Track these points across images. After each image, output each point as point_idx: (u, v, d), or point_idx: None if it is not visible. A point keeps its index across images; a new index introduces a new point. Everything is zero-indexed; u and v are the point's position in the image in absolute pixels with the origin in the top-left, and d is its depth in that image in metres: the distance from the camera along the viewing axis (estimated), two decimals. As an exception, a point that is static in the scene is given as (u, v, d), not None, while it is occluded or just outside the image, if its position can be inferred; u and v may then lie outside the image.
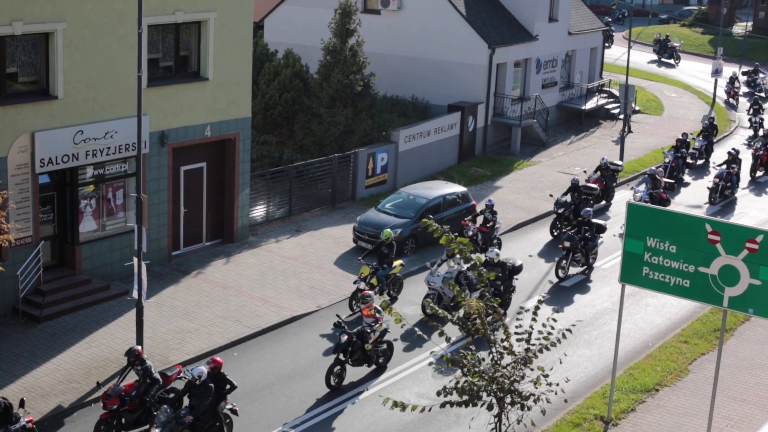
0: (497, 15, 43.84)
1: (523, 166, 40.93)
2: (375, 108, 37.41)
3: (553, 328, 16.31)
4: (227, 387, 19.17)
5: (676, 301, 25.94)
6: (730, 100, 56.15)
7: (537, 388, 16.12)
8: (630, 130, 46.36)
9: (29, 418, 17.88)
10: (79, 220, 25.59)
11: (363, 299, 22.73)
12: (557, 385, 16.86)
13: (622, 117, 45.86)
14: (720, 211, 36.00)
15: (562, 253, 29.00)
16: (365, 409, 21.02)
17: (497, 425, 16.29)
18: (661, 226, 18.96)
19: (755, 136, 45.99)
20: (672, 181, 37.33)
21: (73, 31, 24.23)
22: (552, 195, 34.52)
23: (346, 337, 21.55)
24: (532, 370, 16.21)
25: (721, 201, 37.01)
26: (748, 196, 38.53)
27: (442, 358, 15.99)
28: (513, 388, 15.84)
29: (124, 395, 19.26)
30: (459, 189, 32.75)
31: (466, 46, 41.53)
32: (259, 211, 32.09)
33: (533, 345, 16.16)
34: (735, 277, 18.23)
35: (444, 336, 15.96)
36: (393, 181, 36.44)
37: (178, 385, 20.10)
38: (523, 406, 15.99)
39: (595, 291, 28.31)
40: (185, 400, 19.14)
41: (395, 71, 42.21)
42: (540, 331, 16.33)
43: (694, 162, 41.61)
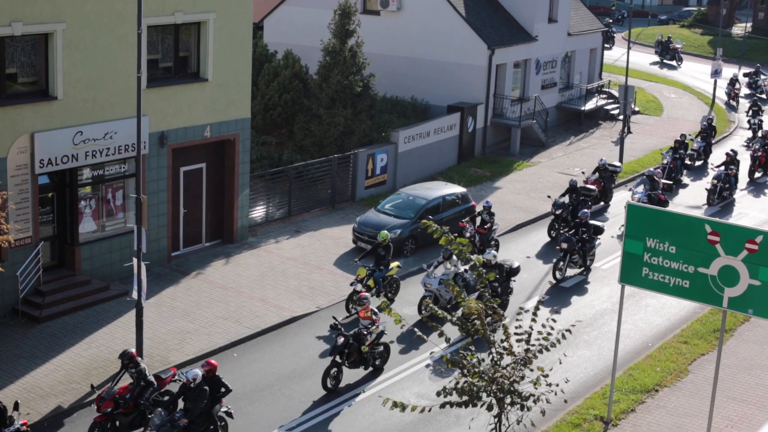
0: (497, 16, 43.84)
1: (522, 166, 40.93)
2: (374, 109, 37.41)
3: (552, 329, 16.31)
4: (222, 390, 19.08)
5: (676, 301, 25.94)
6: (731, 102, 55.93)
7: (537, 389, 16.12)
8: (629, 131, 46.35)
9: (23, 421, 17.80)
10: (78, 220, 25.58)
11: (359, 301, 22.63)
12: (557, 385, 16.86)
13: (621, 118, 45.86)
14: (718, 212, 35.95)
15: (559, 255, 28.98)
16: (365, 410, 21.02)
17: (497, 426, 16.29)
18: (661, 226, 18.96)
19: (754, 138, 45.95)
20: (670, 182, 37.27)
21: (72, 31, 24.23)
22: (550, 196, 34.41)
23: (342, 339, 21.46)
24: (531, 371, 16.20)
25: (720, 202, 36.95)
26: (747, 197, 38.50)
27: (442, 358, 15.99)
28: (513, 388, 15.84)
29: (118, 398, 19.14)
30: (458, 190, 32.74)
31: (466, 47, 41.54)
32: (258, 212, 32.08)
33: (533, 345, 16.16)
34: (734, 277, 18.23)
35: (444, 336, 15.97)
36: (392, 182, 36.44)
37: (173, 388, 20.00)
38: (522, 407, 15.99)
39: (594, 292, 28.30)
40: (180, 403, 19.05)
41: (395, 72, 42.21)
42: (540, 332, 16.33)
43: (692, 163, 41.60)
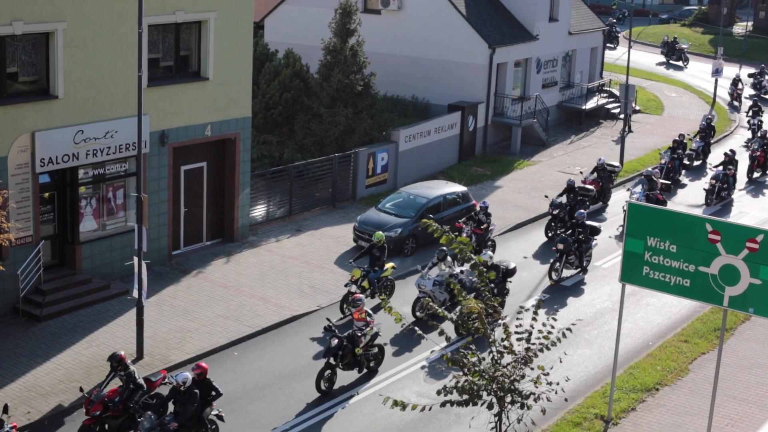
0: (497, 15, 43.84)
1: (523, 165, 40.92)
2: (375, 108, 37.41)
3: (553, 328, 16.32)
4: (213, 393, 18.94)
5: (677, 300, 25.93)
6: (734, 103, 55.62)
7: (537, 388, 16.12)
8: (630, 130, 46.32)
9: (13, 424, 17.71)
10: (79, 219, 25.59)
11: (354, 303, 22.43)
12: (557, 384, 16.86)
13: (622, 117, 45.84)
14: (717, 212, 35.79)
15: (555, 256, 28.80)
16: (365, 409, 21.02)
17: (497, 424, 16.30)
18: (662, 225, 18.95)
19: (753, 138, 45.85)
20: (668, 182, 37.07)
21: (73, 30, 24.24)
22: (547, 196, 34.20)
23: (336, 340, 21.32)
24: (532, 370, 16.21)
25: (718, 202, 36.84)
26: (746, 197, 38.41)
27: (443, 357, 16.00)
28: (513, 387, 15.84)
29: (107, 401, 19.01)
30: (459, 189, 32.74)
31: (467, 46, 41.53)
32: (259, 211, 32.10)
33: (533, 344, 16.16)
34: (735, 276, 18.23)
35: (444, 335, 15.97)
36: (393, 181, 36.44)
37: (163, 391, 19.89)
38: (523, 405, 15.99)
39: (595, 290, 28.29)
40: (170, 407, 18.90)
41: (395, 71, 42.21)
42: (540, 331, 16.34)
43: (690, 163, 41.46)
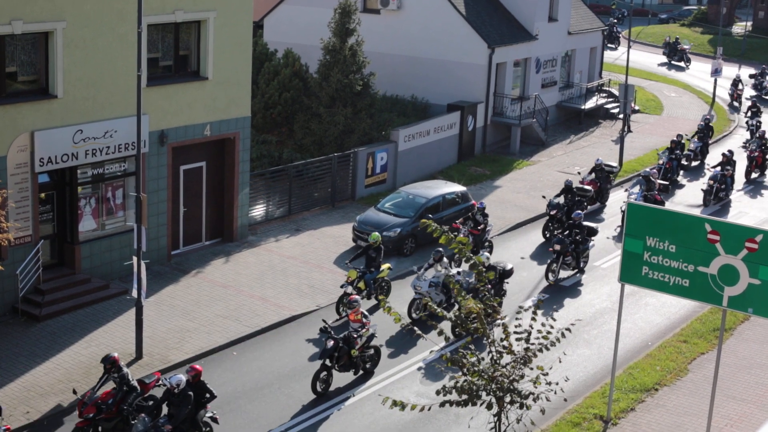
0: (497, 14, 43.83)
1: (522, 165, 40.92)
2: (374, 107, 37.40)
3: (552, 328, 16.32)
4: (207, 396, 18.82)
5: (676, 300, 25.93)
6: (734, 103, 55.43)
7: (536, 388, 16.13)
8: (630, 130, 46.33)
9: (7, 426, 17.70)
10: (78, 219, 25.58)
11: (350, 304, 22.27)
12: (557, 384, 16.87)
13: (621, 116, 45.84)
14: (715, 213, 35.74)
15: (552, 257, 28.68)
16: (365, 409, 21.01)
17: (497, 424, 16.30)
18: (661, 225, 18.95)
19: (752, 138, 45.76)
20: (666, 183, 36.92)
21: (72, 30, 24.23)
22: (545, 196, 34.09)
23: (332, 342, 21.21)
24: (531, 370, 16.21)
25: (716, 203, 36.77)
26: (744, 198, 38.35)
27: (442, 357, 16.00)
28: (512, 387, 15.85)
29: (100, 403, 18.91)
30: (458, 188, 32.74)
31: (466, 46, 41.53)
32: (258, 211, 32.09)
33: (532, 344, 16.17)
34: (734, 276, 18.23)
35: (443, 335, 15.98)
36: (392, 181, 36.44)
37: (157, 393, 19.79)
38: (522, 405, 16.00)
39: (594, 290, 28.29)
40: (164, 409, 18.78)
41: (395, 71, 42.21)
42: (539, 331, 16.34)
43: (688, 163, 41.36)
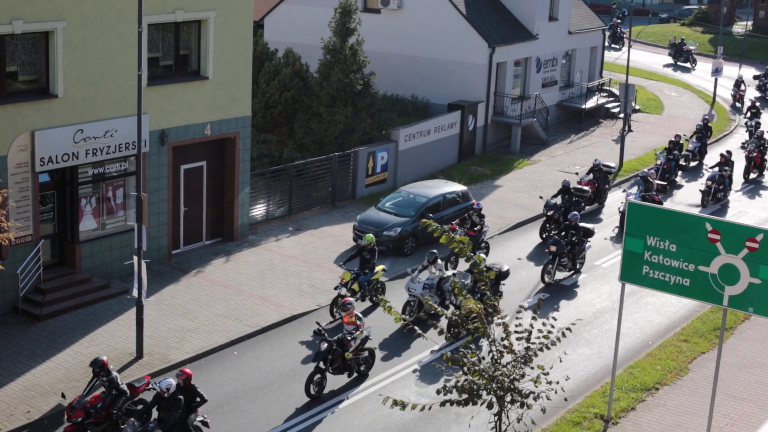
0: (497, 14, 43.83)
1: (523, 165, 40.92)
2: (375, 107, 37.41)
3: (553, 327, 16.32)
4: (197, 400, 18.68)
5: (676, 299, 25.93)
6: (736, 104, 55.12)
7: (537, 387, 16.13)
8: (630, 129, 46.31)
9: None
10: (79, 218, 25.59)
11: (344, 306, 22.15)
12: (557, 383, 16.88)
13: (622, 116, 45.83)
14: (713, 213, 35.68)
15: (548, 258, 28.54)
16: (365, 408, 21.00)
17: (497, 424, 16.30)
18: (662, 224, 18.95)
19: (750, 139, 45.64)
20: (664, 183, 36.69)
21: (73, 29, 24.23)
22: (542, 197, 33.93)
23: (326, 344, 21.08)
24: (532, 369, 16.21)
25: (714, 204, 36.68)
26: (742, 198, 38.26)
27: (442, 357, 16.00)
28: (513, 386, 15.85)
29: (89, 407, 18.77)
30: (459, 188, 32.73)
31: (466, 45, 41.53)
32: (259, 210, 32.10)
33: (533, 344, 16.17)
34: (735, 275, 18.22)
35: (444, 335, 15.99)
36: (393, 180, 36.44)
37: (147, 397, 19.67)
38: (523, 405, 16.00)
39: (594, 290, 28.28)
40: (154, 413, 18.67)
41: (395, 70, 42.21)
42: (540, 330, 16.34)
43: (687, 164, 41.23)
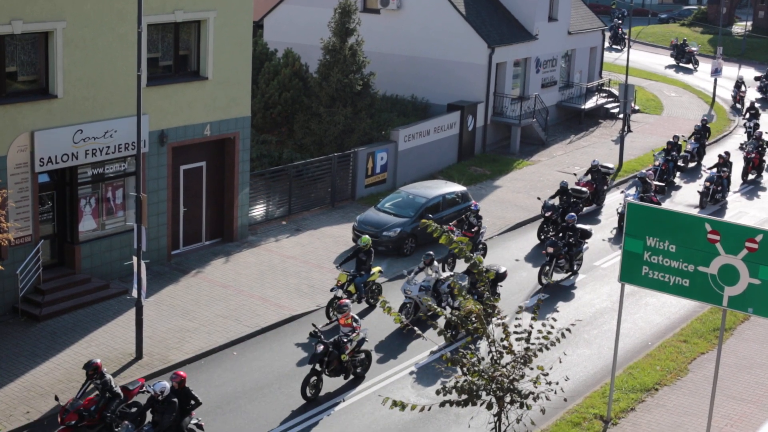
0: (497, 14, 43.83)
1: (522, 165, 40.93)
2: (374, 107, 37.40)
3: (552, 328, 16.32)
4: (192, 402, 18.63)
5: (676, 300, 25.93)
6: (737, 105, 54.97)
7: (536, 387, 16.13)
8: (630, 130, 46.31)
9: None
10: (78, 219, 25.58)
11: (340, 308, 22.06)
12: (557, 384, 16.88)
13: (621, 116, 45.83)
14: (711, 214, 35.63)
15: (545, 259, 28.45)
16: (365, 409, 21.00)
17: (497, 424, 16.30)
18: (661, 225, 18.96)
19: (749, 140, 45.57)
20: (662, 184, 36.62)
21: (72, 30, 24.22)
22: (539, 198, 33.92)
23: (322, 346, 21.02)
24: (531, 369, 16.22)
25: (712, 205, 36.65)
26: (740, 199, 38.24)
27: (442, 357, 16.00)
28: (512, 387, 15.85)
29: (82, 410, 18.71)
30: (458, 188, 32.73)
31: (466, 46, 41.53)
32: (258, 211, 32.09)
33: (533, 344, 16.17)
34: (734, 276, 18.23)
35: (444, 335, 15.99)
36: (392, 181, 36.44)
37: (141, 400, 19.63)
38: (522, 405, 16.00)
39: (594, 290, 28.28)
40: (149, 416, 18.61)
41: (395, 70, 42.21)
42: (540, 331, 16.35)
43: (685, 165, 41.15)
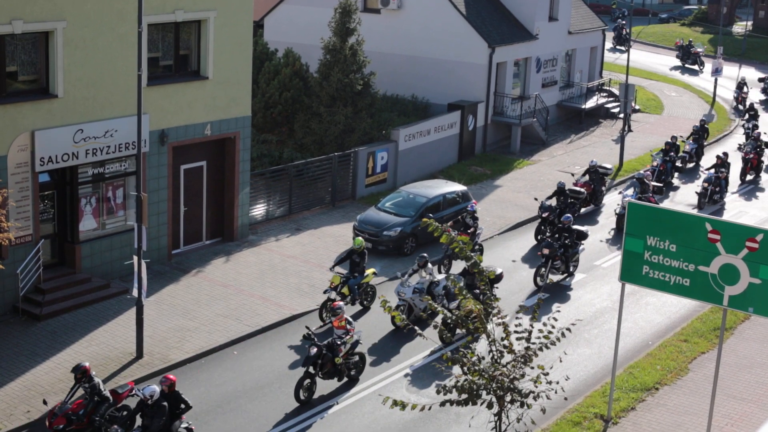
0: (497, 14, 43.83)
1: (523, 165, 40.93)
2: (375, 107, 37.41)
3: (553, 327, 16.33)
4: (182, 406, 18.52)
5: (676, 299, 25.94)
6: (739, 107, 54.74)
7: (537, 387, 16.14)
8: (630, 129, 46.32)
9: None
10: (79, 218, 25.59)
11: (333, 311, 21.95)
12: (557, 383, 16.89)
13: (622, 116, 45.83)
14: (711, 214, 35.57)
15: (541, 261, 28.33)
16: (365, 408, 21.01)
17: (497, 424, 16.30)
18: (662, 224, 18.96)
19: (747, 141, 45.51)
20: (660, 185, 36.59)
21: (73, 29, 24.23)
22: (537, 198, 33.85)
23: (315, 349, 20.90)
24: (532, 369, 16.22)
25: (710, 206, 36.62)
26: (738, 200, 38.18)
27: (443, 357, 16.01)
28: (513, 386, 15.86)
29: (71, 414, 18.59)
30: (459, 188, 32.73)
31: (466, 45, 41.53)
32: (259, 210, 32.10)
33: (533, 344, 16.17)
34: (735, 275, 18.23)
35: (443, 334, 15.99)
36: (393, 180, 36.44)
37: (131, 403, 19.49)
38: (523, 404, 16.01)
39: (594, 290, 28.28)
40: (138, 420, 18.49)
41: (395, 70, 42.21)
42: (540, 330, 16.35)
43: (683, 165, 41.10)
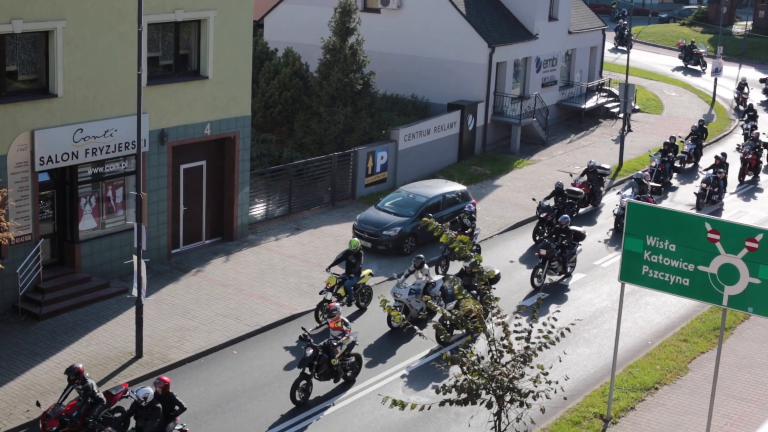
0: (497, 14, 43.83)
1: (522, 164, 40.93)
2: (375, 106, 37.41)
3: (552, 327, 16.33)
4: (176, 408, 18.45)
5: (676, 299, 25.94)
6: (740, 107, 54.57)
7: (536, 386, 16.14)
8: (630, 129, 46.32)
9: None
10: (78, 218, 25.59)
11: (329, 312, 21.78)
12: (557, 383, 16.89)
13: (621, 116, 45.82)
14: (710, 214, 35.54)
15: (538, 261, 28.27)
16: (364, 408, 21.01)
17: (497, 423, 16.31)
18: (661, 224, 18.96)
19: (745, 141, 45.46)
20: (659, 185, 36.55)
21: (73, 29, 24.23)
22: (534, 199, 33.82)
23: (311, 350, 20.82)
24: (531, 368, 16.23)
25: (709, 206, 36.61)
26: (737, 201, 38.17)
27: (442, 356, 16.01)
28: (512, 385, 15.86)
29: (64, 416, 18.52)
30: (458, 187, 32.74)
31: (466, 45, 41.53)
32: (258, 210, 32.10)
33: (533, 343, 16.18)
34: (734, 275, 18.23)
35: (442, 335, 15.99)
36: (393, 180, 36.44)
37: (125, 405, 19.47)
38: (522, 404, 16.01)
39: (594, 290, 28.29)
40: (133, 422, 18.41)
41: (395, 70, 42.21)
42: (540, 330, 16.35)
43: (682, 166, 41.06)
